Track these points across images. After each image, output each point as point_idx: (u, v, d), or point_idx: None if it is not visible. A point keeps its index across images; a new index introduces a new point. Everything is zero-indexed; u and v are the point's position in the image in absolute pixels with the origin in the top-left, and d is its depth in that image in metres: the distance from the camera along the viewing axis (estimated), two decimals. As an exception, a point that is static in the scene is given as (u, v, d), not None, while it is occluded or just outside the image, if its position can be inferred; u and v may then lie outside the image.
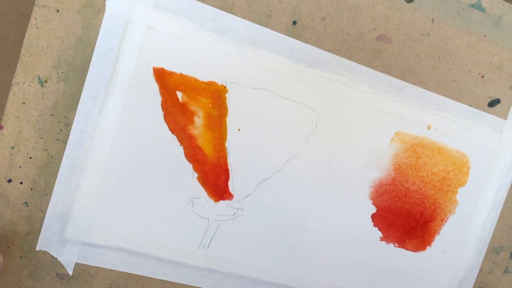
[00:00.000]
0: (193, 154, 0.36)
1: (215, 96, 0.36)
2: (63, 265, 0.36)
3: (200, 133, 0.36)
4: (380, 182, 0.41)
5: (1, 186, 0.34)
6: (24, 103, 0.33)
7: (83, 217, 0.35)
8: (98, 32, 0.33)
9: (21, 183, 0.34)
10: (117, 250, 0.37)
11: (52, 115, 0.34)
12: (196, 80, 0.35)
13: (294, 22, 0.37)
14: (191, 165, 0.36)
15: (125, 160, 0.35)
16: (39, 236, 0.35)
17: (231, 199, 0.38)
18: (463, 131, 0.42)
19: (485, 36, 0.40)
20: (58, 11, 0.32)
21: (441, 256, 0.44)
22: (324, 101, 0.38)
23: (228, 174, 0.38)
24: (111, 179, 0.35)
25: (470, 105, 0.41)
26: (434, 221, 0.43)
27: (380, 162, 0.40)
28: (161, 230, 0.37)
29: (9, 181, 0.34)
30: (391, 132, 0.40)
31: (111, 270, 0.37)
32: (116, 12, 0.33)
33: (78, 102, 0.34)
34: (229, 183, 0.38)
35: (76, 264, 0.36)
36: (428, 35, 0.39)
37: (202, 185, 0.37)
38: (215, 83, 0.36)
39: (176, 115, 0.35)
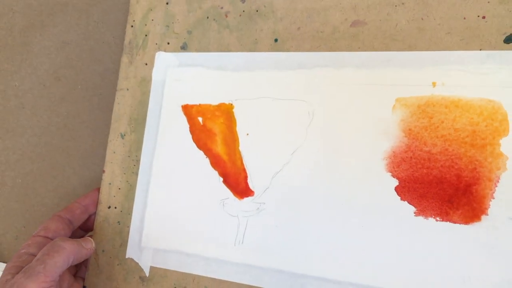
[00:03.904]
0: (216, 162, 0.44)
1: (225, 113, 0.45)
2: (142, 269, 0.46)
3: (218, 145, 0.44)
4: (394, 152, 0.38)
5: (105, 212, 0.49)
6: (114, 152, 0.49)
7: (150, 228, 0.46)
8: (149, 95, 0.49)
9: (115, 208, 0.48)
10: (176, 252, 0.45)
11: (129, 156, 0.49)
12: (210, 105, 0.46)
13: (276, 40, 0.44)
14: (216, 171, 0.44)
15: (173, 179, 0.46)
16: (127, 246, 0.47)
17: (253, 195, 0.43)
18: (481, 78, 0.37)
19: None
20: (127, 89, 0.50)
21: (507, 225, 0.34)
22: (316, 93, 0.42)
23: (246, 173, 0.43)
24: (164, 194, 0.46)
25: (480, 50, 0.37)
26: (479, 184, 0.36)
27: (387, 131, 0.39)
28: (204, 231, 0.44)
29: (109, 207, 0.49)
30: (391, 100, 0.39)
31: (175, 271, 0.45)
32: (158, 78, 0.49)
33: (142, 144, 0.48)
34: (248, 181, 0.43)
35: (151, 268, 0.46)
36: (403, 4, 0.40)
37: (227, 186, 0.44)
38: (223, 103, 0.45)
39: (199, 135, 0.46)
